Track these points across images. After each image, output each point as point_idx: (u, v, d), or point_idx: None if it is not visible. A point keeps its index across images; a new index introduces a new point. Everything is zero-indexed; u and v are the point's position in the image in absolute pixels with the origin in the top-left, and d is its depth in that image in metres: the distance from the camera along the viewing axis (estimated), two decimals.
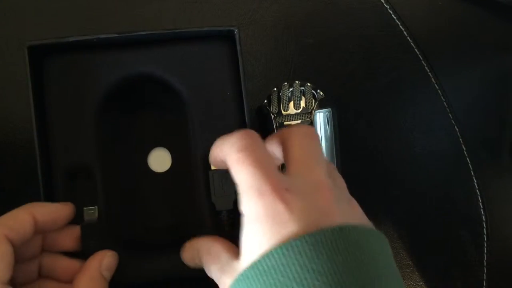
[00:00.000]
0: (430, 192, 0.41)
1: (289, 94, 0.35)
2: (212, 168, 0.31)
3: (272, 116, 0.35)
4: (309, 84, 0.35)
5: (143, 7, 0.39)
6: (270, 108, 0.35)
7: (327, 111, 0.35)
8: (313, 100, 0.35)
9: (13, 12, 0.38)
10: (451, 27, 0.42)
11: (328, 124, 0.35)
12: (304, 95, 0.35)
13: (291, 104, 0.35)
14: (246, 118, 0.32)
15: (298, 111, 0.35)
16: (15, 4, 0.38)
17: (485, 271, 0.41)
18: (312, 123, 0.34)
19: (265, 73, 0.40)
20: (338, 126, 0.36)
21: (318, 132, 0.35)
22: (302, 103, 0.35)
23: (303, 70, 0.40)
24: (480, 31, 0.42)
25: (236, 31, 0.32)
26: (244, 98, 0.32)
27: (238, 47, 0.32)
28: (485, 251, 0.41)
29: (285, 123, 0.35)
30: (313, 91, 0.35)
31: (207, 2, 0.39)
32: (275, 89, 0.36)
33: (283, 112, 0.35)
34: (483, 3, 0.42)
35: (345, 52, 0.40)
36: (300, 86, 0.35)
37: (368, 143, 0.41)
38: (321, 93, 0.35)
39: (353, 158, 0.40)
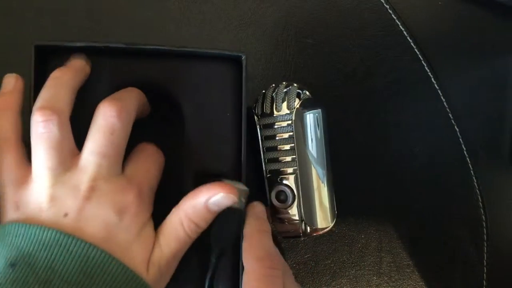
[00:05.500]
0: (430, 192, 0.41)
1: (274, 96, 0.34)
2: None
3: (256, 118, 0.35)
4: (295, 85, 0.35)
5: (143, 7, 0.39)
6: (255, 110, 0.35)
7: (316, 112, 0.34)
8: (296, 101, 0.34)
9: (19, 12, 0.38)
10: (451, 27, 0.42)
11: (318, 126, 0.34)
12: (287, 96, 0.34)
13: (274, 105, 0.34)
14: (243, 141, 0.32)
15: (280, 112, 0.34)
16: (21, 5, 0.38)
17: (485, 271, 0.41)
18: (293, 124, 0.34)
19: (265, 73, 0.40)
20: (328, 127, 0.35)
21: (308, 134, 0.34)
22: (285, 104, 0.34)
23: (303, 70, 0.40)
24: (480, 31, 0.42)
25: (243, 57, 0.32)
26: (243, 122, 0.32)
27: (243, 74, 0.32)
28: (485, 251, 0.41)
29: (276, 124, 0.34)
30: (298, 90, 0.34)
31: (207, 2, 0.39)
32: (264, 91, 0.35)
33: (266, 113, 0.34)
34: (483, 3, 0.42)
35: (345, 52, 0.40)
36: (286, 87, 0.34)
37: (368, 143, 0.41)
38: (307, 93, 0.35)
39: (353, 158, 0.40)
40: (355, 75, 0.40)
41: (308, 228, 0.35)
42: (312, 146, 0.34)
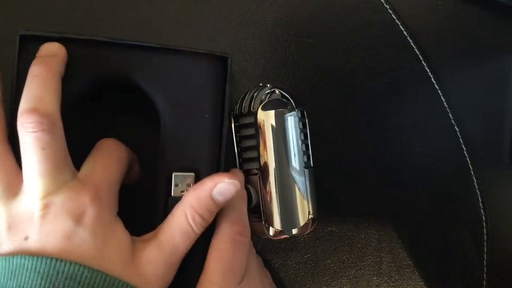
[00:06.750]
0: (430, 192, 0.41)
1: (252, 96, 0.34)
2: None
3: (232, 118, 0.35)
4: (268, 85, 0.34)
5: (143, 7, 0.39)
6: (234, 111, 0.35)
7: (291, 114, 0.33)
8: (259, 102, 0.33)
9: (9, 3, 0.38)
10: (451, 27, 0.42)
11: (294, 127, 0.34)
12: (255, 97, 0.34)
13: (244, 105, 0.34)
14: (222, 144, 0.32)
15: (244, 112, 0.34)
16: None
17: (485, 271, 0.41)
18: (256, 125, 0.33)
19: (265, 73, 0.40)
20: (307, 128, 0.35)
21: (289, 136, 0.33)
22: (251, 105, 0.34)
23: (303, 70, 0.40)
24: (480, 31, 0.42)
25: (229, 58, 0.32)
26: (224, 124, 0.32)
27: (228, 75, 0.32)
28: (485, 251, 0.41)
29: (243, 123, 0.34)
30: (268, 91, 0.34)
31: (208, 3, 0.39)
32: (247, 91, 0.35)
33: (236, 114, 0.35)
34: (483, 3, 0.42)
35: (345, 52, 0.40)
36: (260, 88, 0.34)
37: (368, 143, 0.41)
38: (277, 91, 0.34)
39: (353, 158, 0.40)
40: (355, 75, 0.40)
41: (271, 230, 0.34)
42: (281, 147, 0.33)
